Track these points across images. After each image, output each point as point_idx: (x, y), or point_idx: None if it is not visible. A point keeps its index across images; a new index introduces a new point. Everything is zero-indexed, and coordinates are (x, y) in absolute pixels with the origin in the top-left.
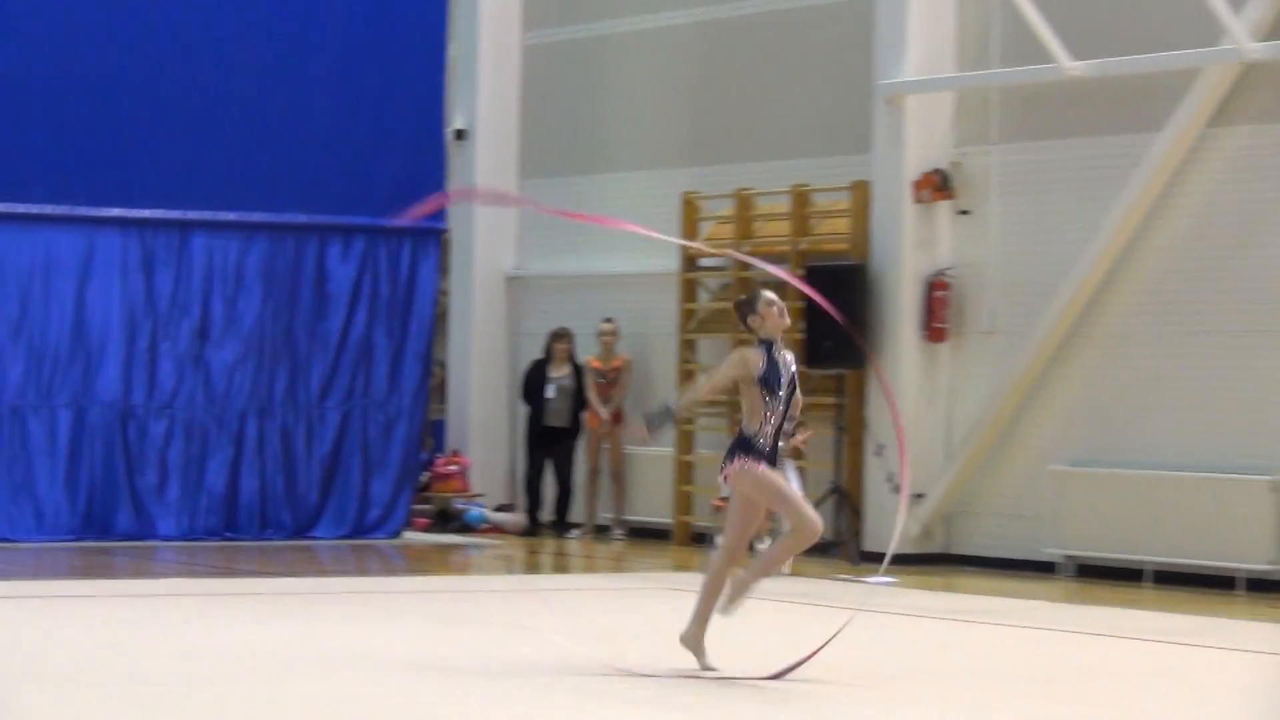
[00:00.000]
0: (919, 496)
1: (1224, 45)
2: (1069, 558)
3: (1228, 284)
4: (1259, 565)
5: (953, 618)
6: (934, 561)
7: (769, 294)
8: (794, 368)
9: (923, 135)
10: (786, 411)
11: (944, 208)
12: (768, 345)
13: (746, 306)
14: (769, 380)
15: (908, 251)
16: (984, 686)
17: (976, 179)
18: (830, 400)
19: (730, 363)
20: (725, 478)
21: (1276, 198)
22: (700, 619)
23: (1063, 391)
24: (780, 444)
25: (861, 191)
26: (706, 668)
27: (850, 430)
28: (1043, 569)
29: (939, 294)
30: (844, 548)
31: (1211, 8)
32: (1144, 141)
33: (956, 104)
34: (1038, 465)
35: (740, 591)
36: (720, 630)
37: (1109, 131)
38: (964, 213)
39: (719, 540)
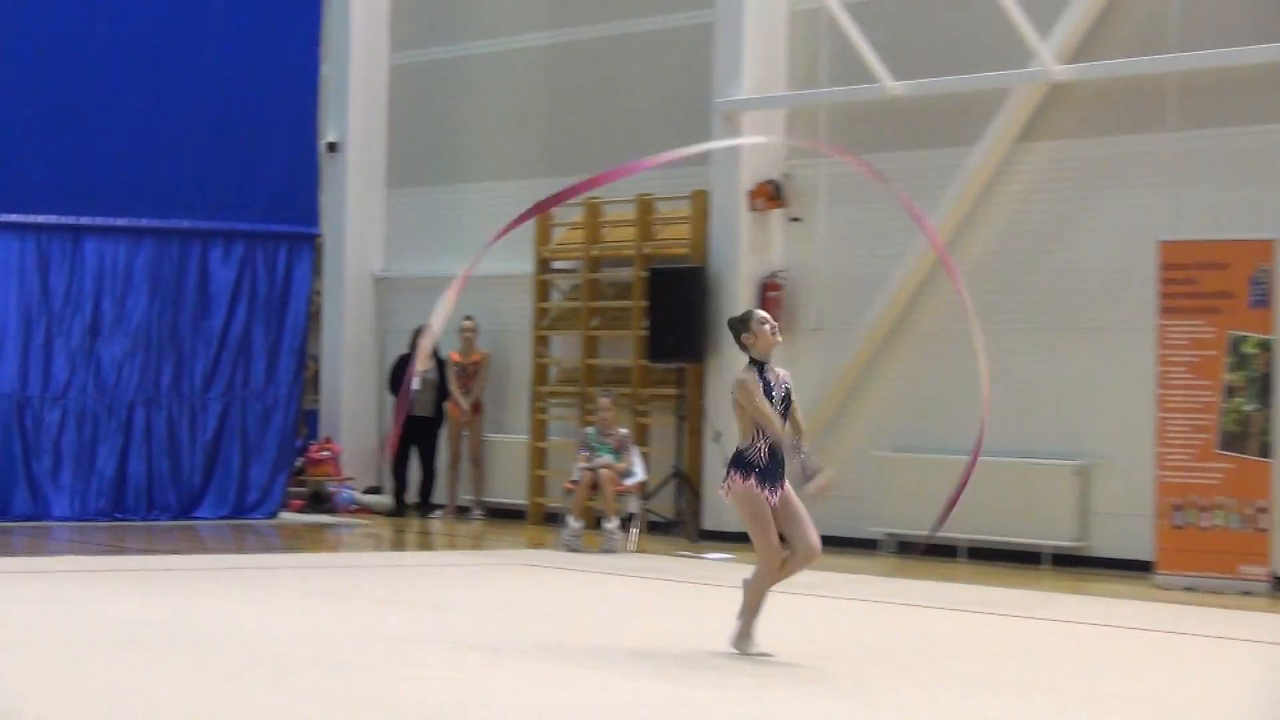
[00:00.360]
0: None
1: (1032, 67)
2: (891, 535)
3: (1035, 286)
4: (1063, 542)
5: (786, 591)
6: None
7: (761, 313)
8: (788, 383)
9: (757, 149)
10: (783, 425)
11: (776, 215)
12: (759, 366)
13: (740, 325)
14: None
15: (743, 255)
16: (822, 655)
17: (806, 189)
18: (671, 391)
19: (747, 394)
20: (725, 492)
21: (1079, 207)
22: (748, 616)
23: (885, 384)
24: (794, 458)
25: (701, 200)
26: (763, 653)
27: (690, 419)
28: (867, 546)
29: (772, 294)
30: (684, 527)
31: (1021, 33)
32: (959, 155)
33: (788, 120)
34: (862, 451)
35: (746, 633)
36: (580, 605)
37: (927, 146)
38: (795, 220)
39: (571, 521)
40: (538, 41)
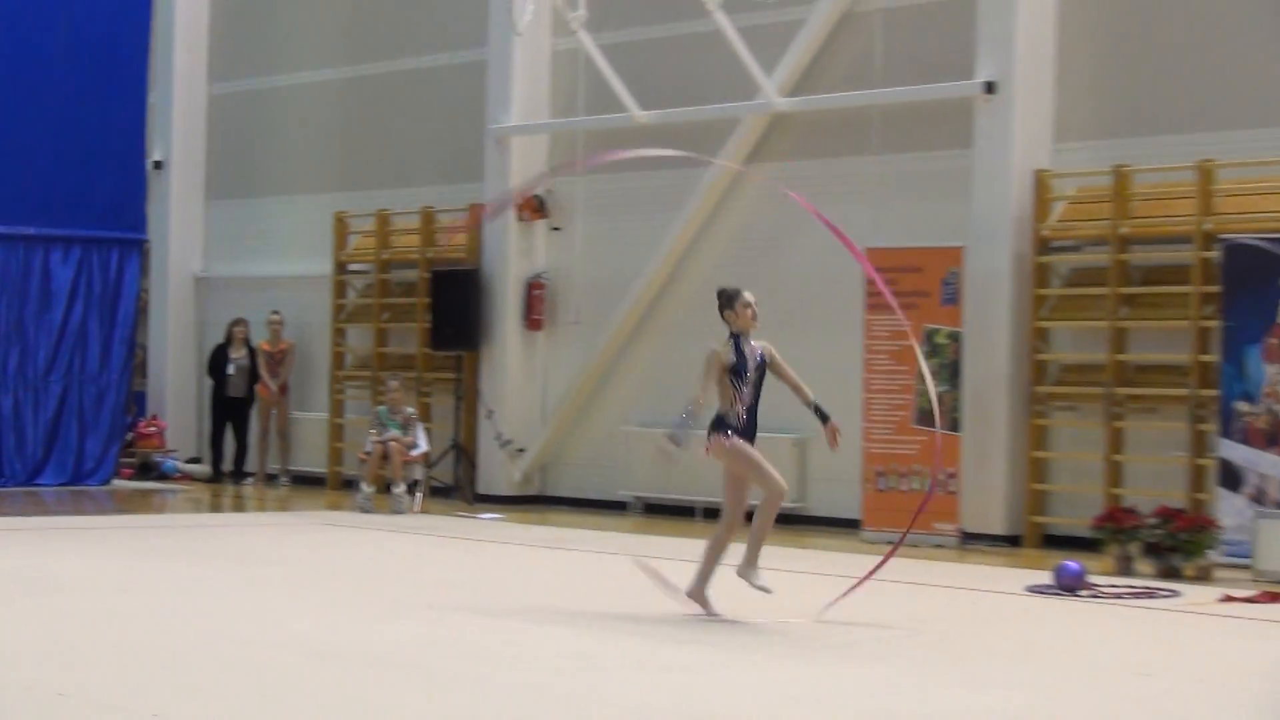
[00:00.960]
0: (521, 451)
1: (758, 100)
2: (637, 498)
3: (760, 286)
4: (785, 503)
5: (548, 546)
6: (533, 502)
7: (747, 295)
8: (764, 355)
9: (524, 168)
10: (758, 392)
11: (540, 225)
12: (736, 338)
13: (725, 300)
14: (738, 369)
15: (512, 259)
16: (578, 597)
17: (566, 202)
18: (451, 375)
19: (706, 364)
20: (707, 450)
21: (797, 220)
22: (703, 577)
23: (633, 369)
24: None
25: (476, 212)
26: (714, 614)
27: (467, 398)
28: (617, 507)
29: (536, 293)
30: (462, 491)
31: (749, 70)
32: (696, 175)
33: (551, 144)
34: (613, 426)
35: (752, 562)
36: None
37: (669, 166)
38: (556, 229)
39: (364, 487)
40: (335, 75)
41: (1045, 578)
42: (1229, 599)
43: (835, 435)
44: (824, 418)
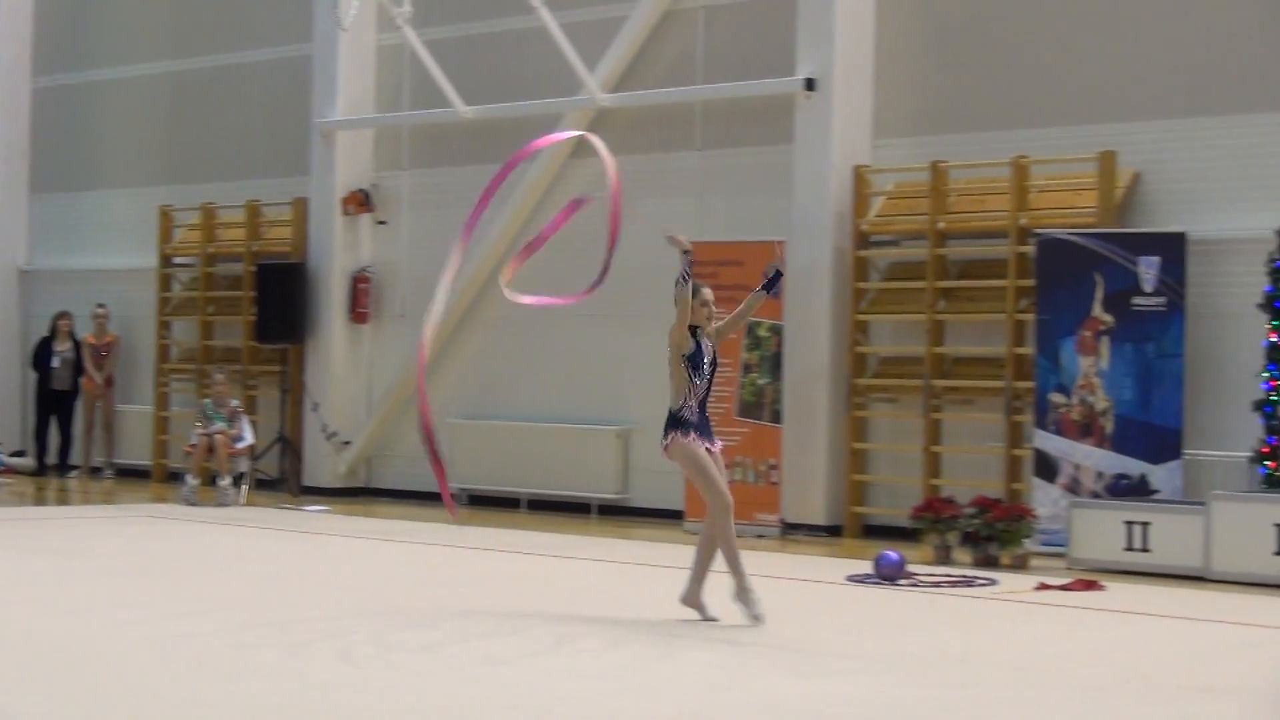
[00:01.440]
0: (347, 443)
1: (582, 95)
2: (463, 490)
3: (584, 279)
4: (608, 495)
5: (373, 537)
6: (358, 494)
7: (706, 293)
8: (714, 352)
9: (349, 162)
10: (709, 387)
11: (366, 219)
12: (695, 330)
13: (693, 290)
14: (695, 360)
15: (338, 253)
16: (406, 590)
17: (391, 196)
18: (276, 368)
19: (686, 306)
20: (666, 450)
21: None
22: (697, 579)
23: (458, 362)
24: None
25: (301, 206)
26: (709, 618)
27: (292, 391)
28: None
29: (362, 286)
30: (287, 483)
31: (573, 66)
32: (521, 169)
33: (376, 138)
34: (438, 418)
35: (744, 589)
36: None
37: (495, 161)
38: (381, 223)
39: (190, 479)
40: (161, 69)
41: (865, 567)
42: (1044, 587)
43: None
44: (771, 283)
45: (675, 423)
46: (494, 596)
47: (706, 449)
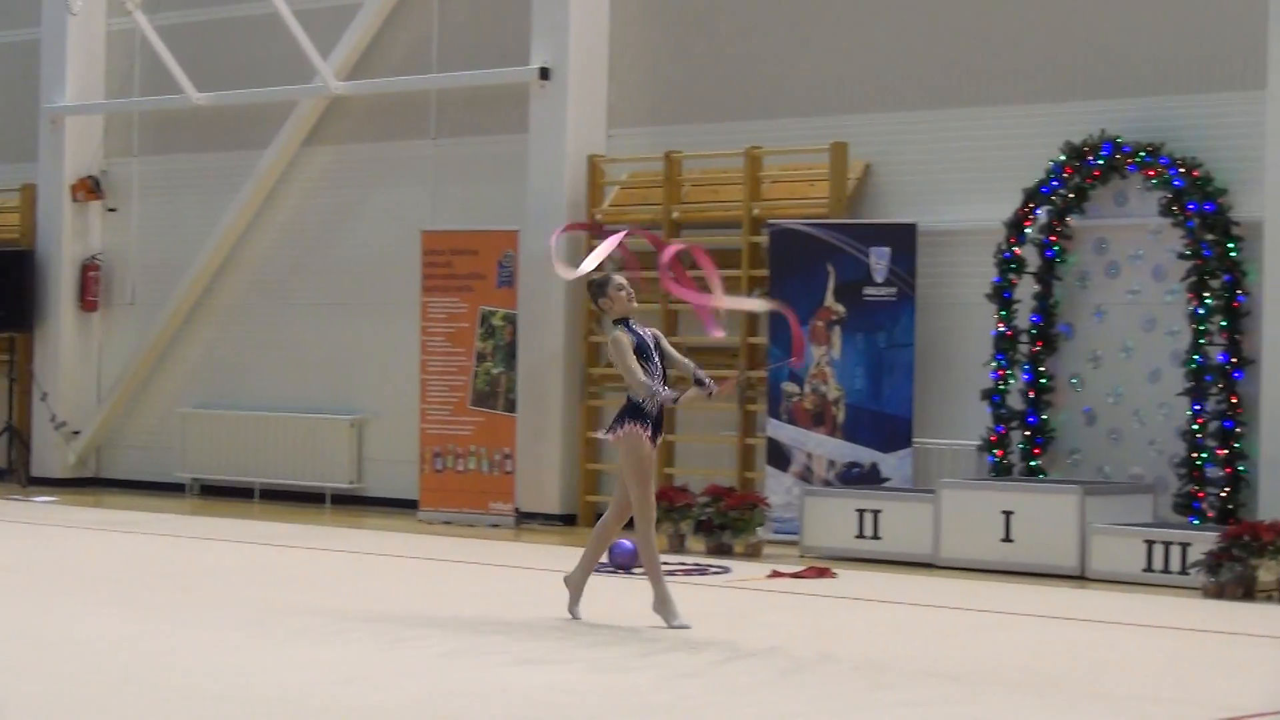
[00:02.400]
0: (76, 433)
1: (315, 83)
2: (195, 480)
3: (317, 268)
4: (342, 484)
5: (103, 528)
6: (87, 484)
7: (619, 279)
8: (654, 336)
9: (79, 148)
10: (664, 373)
11: (96, 206)
12: (625, 322)
13: (598, 289)
14: (642, 351)
15: (67, 240)
16: (142, 583)
17: (122, 183)
18: (4, 357)
19: (619, 348)
20: (614, 437)
21: (354, 202)
22: (584, 569)
23: (190, 351)
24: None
25: (29, 192)
26: (575, 616)
27: (20, 380)
28: (175, 489)
29: (92, 274)
30: (16, 474)
31: (306, 53)
32: (254, 157)
33: (106, 125)
34: (170, 408)
35: (664, 601)
36: None
37: (227, 148)
38: (112, 210)
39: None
40: None
41: (600, 556)
42: (777, 574)
43: (724, 385)
44: (701, 383)
45: (635, 413)
46: (224, 587)
47: (650, 450)
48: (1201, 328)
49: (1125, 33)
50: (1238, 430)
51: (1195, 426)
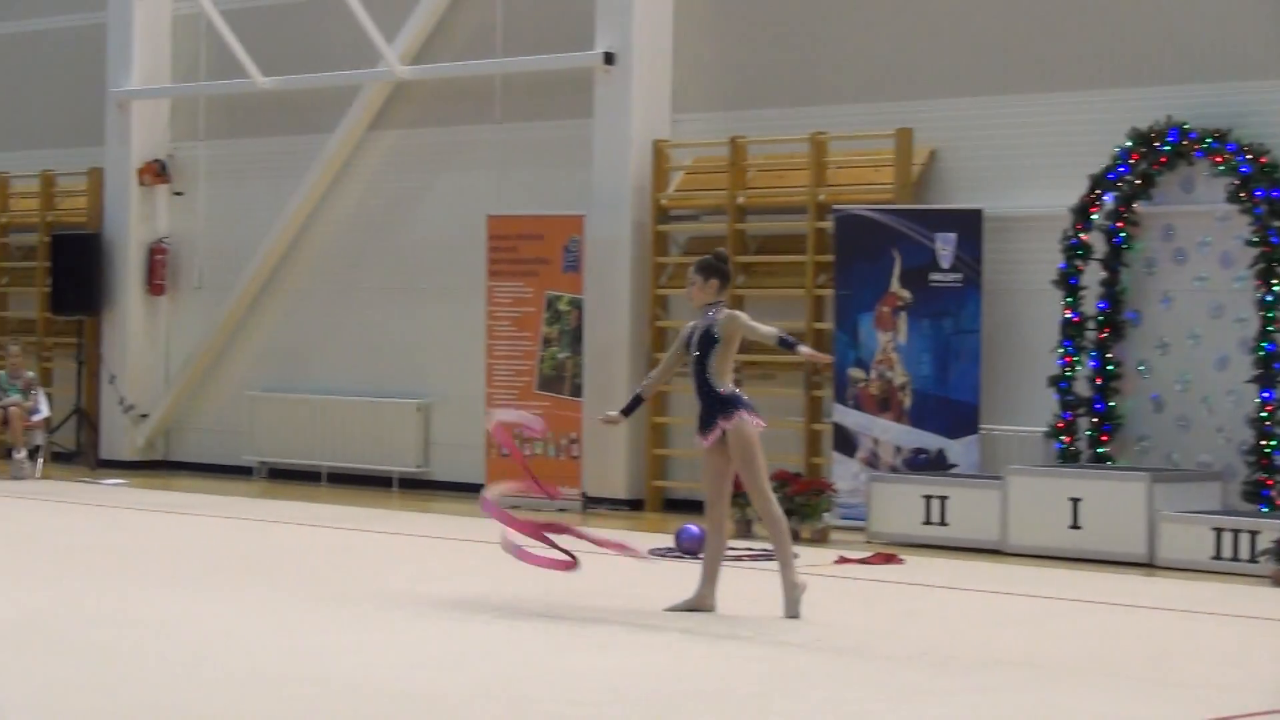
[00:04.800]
0: (144, 416)
1: (380, 67)
2: (263, 463)
3: (384, 253)
4: (409, 468)
5: (171, 511)
6: (156, 467)
7: (690, 271)
8: (696, 331)
9: (145, 133)
10: (701, 368)
11: (162, 190)
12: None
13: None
14: (686, 344)
15: (134, 224)
16: (211, 566)
17: (188, 167)
18: (73, 340)
19: (741, 320)
20: (726, 428)
21: (420, 187)
22: (712, 564)
23: (257, 334)
24: (728, 390)
25: (97, 176)
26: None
27: (89, 363)
28: (243, 472)
29: (159, 258)
30: (84, 456)
31: (371, 37)
32: (319, 141)
33: (172, 109)
34: (238, 391)
35: (791, 587)
36: None
37: (292, 133)
38: (178, 194)
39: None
40: None
41: (668, 541)
42: (844, 560)
43: (812, 356)
44: (791, 346)
45: (743, 403)
46: (291, 571)
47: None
48: (1270, 315)
49: (1192, 18)
50: None
51: (1264, 414)
